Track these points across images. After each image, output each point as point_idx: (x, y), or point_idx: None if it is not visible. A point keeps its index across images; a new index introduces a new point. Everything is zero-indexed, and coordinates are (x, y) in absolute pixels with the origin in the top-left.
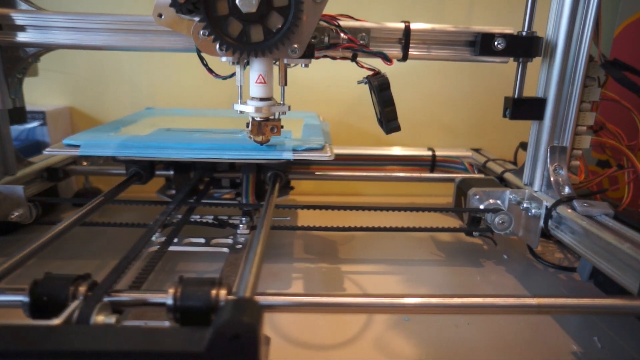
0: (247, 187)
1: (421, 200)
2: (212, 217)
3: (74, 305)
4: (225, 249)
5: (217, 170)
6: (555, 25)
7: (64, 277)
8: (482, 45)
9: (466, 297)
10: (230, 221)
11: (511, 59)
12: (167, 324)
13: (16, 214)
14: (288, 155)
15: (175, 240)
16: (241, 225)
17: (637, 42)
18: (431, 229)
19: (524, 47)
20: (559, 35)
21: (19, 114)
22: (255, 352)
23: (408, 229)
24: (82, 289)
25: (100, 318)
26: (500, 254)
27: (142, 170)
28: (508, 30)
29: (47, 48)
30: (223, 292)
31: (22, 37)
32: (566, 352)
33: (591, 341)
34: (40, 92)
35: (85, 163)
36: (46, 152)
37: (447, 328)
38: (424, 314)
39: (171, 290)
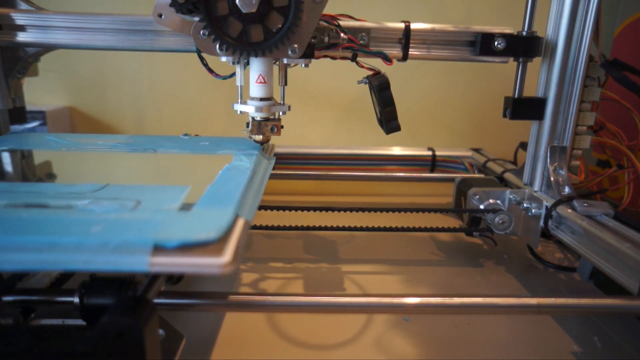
0: None
1: (421, 200)
2: None
3: None
4: None
5: None
6: (555, 25)
7: None
8: (482, 45)
9: (466, 297)
10: None
11: (511, 59)
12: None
13: None
14: (139, 266)
15: None
16: None
17: (637, 42)
18: (431, 229)
19: (524, 47)
20: (559, 35)
21: (19, 114)
22: (140, 351)
23: (408, 229)
24: None
25: None
26: (500, 254)
27: None
28: (508, 30)
29: (47, 48)
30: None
31: (22, 37)
32: (566, 352)
33: (591, 341)
34: (40, 92)
35: None
36: None
37: (447, 328)
38: (424, 314)
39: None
